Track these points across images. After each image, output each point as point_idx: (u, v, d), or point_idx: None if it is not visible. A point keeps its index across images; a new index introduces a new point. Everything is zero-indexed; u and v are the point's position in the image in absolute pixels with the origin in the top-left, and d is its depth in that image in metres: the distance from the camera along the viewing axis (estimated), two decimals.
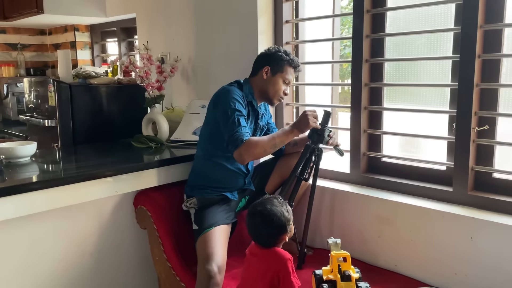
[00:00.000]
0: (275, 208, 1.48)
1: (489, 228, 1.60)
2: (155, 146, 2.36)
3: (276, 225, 1.48)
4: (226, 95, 1.83)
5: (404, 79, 2.02)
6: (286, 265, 1.41)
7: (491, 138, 1.71)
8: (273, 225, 1.47)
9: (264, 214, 1.48)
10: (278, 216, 1.47)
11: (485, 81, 1.69)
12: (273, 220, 1.47)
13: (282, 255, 1.43)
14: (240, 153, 1.75)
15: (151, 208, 2.01)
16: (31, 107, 2.99)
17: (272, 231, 1.48)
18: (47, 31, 4.41)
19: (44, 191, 1.71)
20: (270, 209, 1.49)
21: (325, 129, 1.79)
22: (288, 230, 1.50)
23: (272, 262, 1.43)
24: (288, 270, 1.40)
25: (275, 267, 1.41)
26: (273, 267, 1.42)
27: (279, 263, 1.41)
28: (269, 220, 1.47)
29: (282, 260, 1.42)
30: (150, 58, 2.48)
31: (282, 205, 1.52)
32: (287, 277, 1.40)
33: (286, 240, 1.51)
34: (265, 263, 1.45)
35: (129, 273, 2.15)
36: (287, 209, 1.53)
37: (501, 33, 1.64)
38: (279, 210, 1.48)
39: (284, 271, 1.40)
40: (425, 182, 1.88)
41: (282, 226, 1.48)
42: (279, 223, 1.48)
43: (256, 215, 1.50)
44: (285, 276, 1.40)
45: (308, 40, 2.37)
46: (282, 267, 1.40)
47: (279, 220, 1.47)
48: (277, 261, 1.42)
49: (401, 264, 1.84)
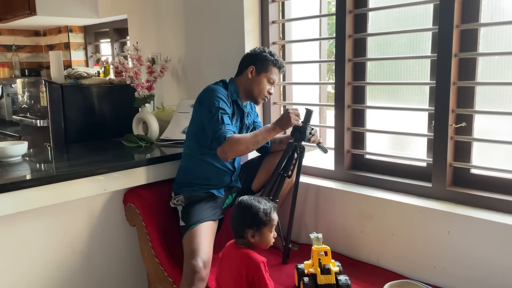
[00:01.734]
0: (255, 203, 1.52)
1: (466, 222, 1.64)
2: (145, 145, 2.41)
3: (248, 215, 1.49)
4: (210, 93, 1.88)
5: (386, 78, 2.07)
6: (259, 268, 1.44)
7: (468, 135, 1.75)
8: (245, 213, 1.50)
9: (242, 201, 1.53)
10: (254, 208, 1.50)
11: (462, 79, 1.73)
12: (245, 208, 1.50)
13: (255, 259, 1.47)
14: (223, 150, 1.79)
15: (140, 205, 2.06)
16: (25, 107, 3.04)
17: (242, 219, 1.51)
18: (41, 32, 4.46)
19: (34, 189, 1.75)
20: (252, 201, 1.52)
21: (307, 127, 1.83)
22: (258, 230, 1.49)
23: (246, 266, 1.46)
24: (262, 273, 1.44)
25: (250, 270, 1.46)
26: (247, 270, 1.46)
27: (253, 266, 1.45)
28: (244, 208, 1.51)
29: (255, 263, 1.45)
30: (140, 58, 2.52)
31: (265, 206, 1.52)
32: (262, 279, 1.44)
33: (251, 240, 1.50)
34: (239, 266, 1.48)
35: (119, 269, 2.20)
36: (268, 212, 1.51)
37: (477, 33, 1.69)
38: (258, 206, 1.51)
39: (258, 273, 1.44)
40: (407, 178, 1.93)
41: (253, 219, 1.49)
42: (251, 215, 1.49)
43: (238, 202, 1.55)
44: (260, 278, 1.44)
45: (294, 40, 2.41)
46: (256, 270, 1.44)
47: (252, 212, 1.49)
48: (251, 264, 1.46)
49: (383, 258, 1.89)
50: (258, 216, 1.49)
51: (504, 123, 1.80)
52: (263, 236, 1.51)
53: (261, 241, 1.52)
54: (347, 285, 1.56)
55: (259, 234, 1.50)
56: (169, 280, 1.95)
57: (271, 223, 1.53)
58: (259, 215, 1.49)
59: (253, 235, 1.50)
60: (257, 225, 1.49)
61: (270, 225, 1.52)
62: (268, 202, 1.56)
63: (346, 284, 1.56)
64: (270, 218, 1.52)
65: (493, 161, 1.79)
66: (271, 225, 1.53)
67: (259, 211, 1.50)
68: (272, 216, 1.53)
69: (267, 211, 1.51)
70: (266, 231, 1.51)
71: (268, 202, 1.56)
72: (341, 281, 1.57)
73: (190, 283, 1.68)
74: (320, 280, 1.57)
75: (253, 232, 1.50)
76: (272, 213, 1.53)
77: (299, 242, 2.16)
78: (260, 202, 1.54)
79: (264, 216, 1.50)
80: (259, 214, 1.49)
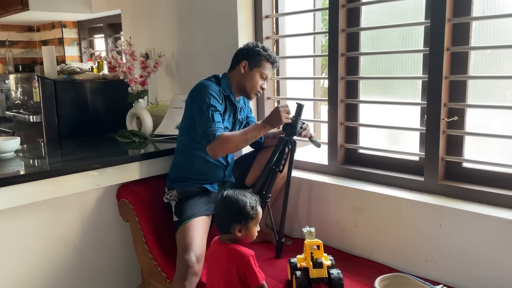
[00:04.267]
0: (241, 197, 1.50)
1: (458, 216, 1.65)
2: (138, 140, 2.40)
3: (235, 210, 1.48)
4: (202, 90, 1.87)
5: (379, 73, 2.07)
6: (249, 262, 1.44)
7: (460, 128, 1.76)
8: (231, 208, 1.49)
9: (228, 196, 1.52)
10: (241, 203, 1.48)
11: (454, 73, 1.73)
12: (231, 203, 1.49)
13: (244, 253, 1.46)
14: (212, 148, 1.79)
15: (133, 201, 2.06)
16: (18, 103, 3.03)
17: (228, 214, 1.50)
18: (35, 27, 4.43)
19: (27, 184, 1.75)
20: (237, 195, 1.51)
21: (298, 121, 1.83)
22: (245, 224, 1.49)
23: (235, 261, 1.46)
24: (252, 267, 1.44)
25: (239, 265, 1.45)
26: (237, 265, 1.46)
27: (242, 261, 1.45)
28: (230, 202, 1.50)
29: (244, 258, 1.45)
30: (133, 53, 2.51)
31: (251, 200, 1.51)
32: (252, 272, 1.44)
33: (238, 235, 1.49)
34: (228, 262, 1.47)
35: (112, 265, 2.20)
36: (254, 206, 1.50)
37: (469, 26, 1.69)
38: (244, 200, 1.49)
39: (248, 267, 1.44)
40: (399, 172, 1.93)
41: (240, 214, 1.48)
42: (238, 210, 1.48)
43: (222, 197, 1.53)
44: (250, 272, 1.44)
45: (287, 35, 2.41)
46: (246, 264, 1.44)
47: (239, 207, 1.48)
48: (240, 259, 1.45)
49: (375, 252, 1.89)
50: (245, 211, 1.48)
51: (496, 116, 1.80)
52: (249, 230, 1.50)
53: (247, 235, 1.50)
54: (339, 279, 1.56)
55: (245, 228, 1.49)
56: (162, 275, 1.95)
57: (257, 217, 1.52)
58: (246, 210, 1.48)
59: (240, 229, 1.49)
60: (244, 219, 1.48)
61: (257, 219, 1.51)
62: (252, 195, 1.54)
63: (338, 278, 1.56)
64: (257, 212, 1.51)
65: (485, 155, 1.80)
66: (257, 219, 1.52)
67: (245, 206, 1.48)
68: (258, 210, 1.52)
69: (253, 205, 1.50)
70: (252, 225, 1.50)
71: (253, 196, 1.55)
72: (333, 274, 1.57)
73: (184, 278, 1.68)
74: (312, 274, 1.58)
75: (240, 226, 1.49)
76: (258, 207, 1.52)
77: (292, 236, 2.16)
78: (246, 196, 1.52)
79: (251, 210, 1.49)
80: (246, 209, 1.48)
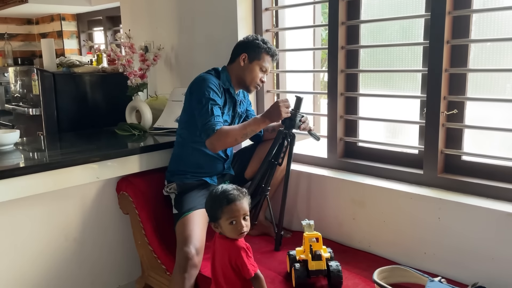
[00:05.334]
0: (212, 195, 1.49)
1: (456, 209, 1.65)
2: (138, 133, 2.40)
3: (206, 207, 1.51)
4: (201, 83, 1.87)
5: (379, 66, 2.06)
6: (240, 254, 1.45)
7: (459, 122, 1.75)
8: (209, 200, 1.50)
9: (213, 189, 1.52)
10: (208, 202, 1.50)
11: (453, 66, 1.73)
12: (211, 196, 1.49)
13: (236, 245, 1.47)
14: (211, 142, 1.79)
15: (133, 194, 2.06)
16: (17, 96, 3.02)
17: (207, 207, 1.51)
18: (34, 20, 4.41)
19: (27, 177, 1.76)
20: (212, 192, 1.50)
21: (297, 114, 1.83)
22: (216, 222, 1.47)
23: (228, 252, 1.47)
24: (243, 259, 1.44)
25: (232, 256, 1.46)
26: (229, 256, 1.47)
27: (234, 253, 1.46)
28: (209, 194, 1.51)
29: (236, 250, 1.46)
30: (132, 46, 2.51)
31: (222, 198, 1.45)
32: (244, 264, 1.44)
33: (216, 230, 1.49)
34: (224, 254, 1.49)
35: (112, 257, 2.21)
36: (222, 206, 1.45)
37: (469, 19, 1.68)
38: (213, 199, 1.48)
39: (240, 259, 1.45)
40: (399, 165, 1.94)
41: (208, 211, 1.50)
42: (206, 207, 1.50)
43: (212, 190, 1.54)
44: (242, 264, 1.45)
45: (287, 28, 2.40)
46: (238, 256, 1.45)
47: (207, 205, 1.50)
48: (232, 251, 1.46)
49: (374, 245, 1.90)
50: (213, 208, 1.47)
51: (496, 110, 1.80)
52: (222, 227, 1.47)
53: (224, 232, 1.48)
54: (338, 271, 1.57)
55: (218, 225, 1.48)
56: (162, 267, 1.96)
57: (227, 215, 1.44)
58: (214, 208, 1.47)
59: (215, 226, 1.49)
60: (214, 217, 1.48)
61: (226, 217, 1.44)
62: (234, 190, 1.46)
63: (336, 270, 1.57)
64: (223, 210, 1.44)
65: (485, 148, 1.80)
66: (228, 216, 1.44)
67: (213, 204, 1.47)
68: (228, 207, 1.44)
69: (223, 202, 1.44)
70: (223, 222, 1.45)
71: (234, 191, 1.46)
72: (332, 266, 1.58)
73: (183, 270, 1.70)
74: (311, 266, 1.59)
75: (213, 224, 1.50)
76: (229, 205, 1.44)
77: (292, 229, 2.17)
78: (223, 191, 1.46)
79: (218, 209, 1.45)
80: (214, 207, 1.47)
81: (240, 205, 1.45)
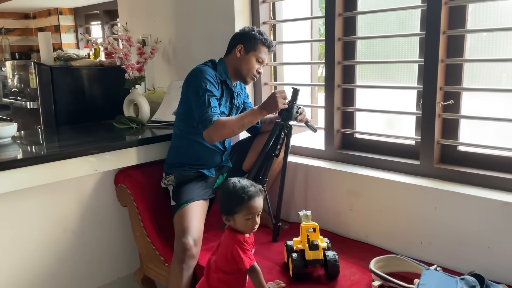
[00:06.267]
0: (233, 188, 1.49)
1: (452, 198, 1.66)
2: (136, 126, 2.41)
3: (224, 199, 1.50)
4: (198, 75, 1.87)
5: (375, 57, 2.07)
6: (234, 247, 1.46)
7: (456, 112, 1.76)
8: (222, 196, 1.51)
9: (226, 184, 1.53)
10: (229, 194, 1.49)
11: (450, 56, 1.73)
12: (223, 192, 1.51)
13: (232, 237, 1.48)
14: (208, 133, 1.80)
15: (131, 186, 2.07)
16: (15, 91, 3.02)
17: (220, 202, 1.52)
18: (31, 15, 4.40)
19: (25, 169, 1.76)
20: (232, 184, 1.50)
21: (294, 106, 1.83)
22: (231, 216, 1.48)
23: (226, 243, 1.49)
24: (237, 251, 1.46)
25: (228, 247, 1.48)
26: (226, 247, 1.49)
27: (231, 244, 1.47)
28: (222, 191, 1.52)
29: (232, 242, 1.47)
30: (130, 39, 2.50)
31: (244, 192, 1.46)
32: (238, 257, 1.46)
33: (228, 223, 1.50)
34: (223, 243, 1.51)
35: (111, 249, 2.22)
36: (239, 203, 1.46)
37: (465, 9, 1.68)
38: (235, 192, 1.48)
39: (235, 252, 1.46)
40: (396, 156, 1.94)
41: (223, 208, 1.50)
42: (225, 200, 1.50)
43: (223, 184, 1.55)
44: (238, 256, 1.46)
45: (284, 20, 2.40)
46: (234, 248, 1.46)
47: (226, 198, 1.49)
48: (229, 242, 1.48)
49: (371, 235, 1.91)
50: (228, 207, 1.48)
51: (491, 100, 1.81)
52: (236, 222, 1.48)
53: (236, 227, 1.49)
54: (335, 260, 1.58)
55: (232, 219, 1.49)
56: (160, 259, 1.97)
57: (246, 211, 1.45)
58: (230, 206, 1.47)
59: (228, 219, 1.51)
60: (225, 213, 1.49)
61: (244, 213, 1.46)
62: (252, 187, 1.48)
63: (333, 259, 1.58)
64: (242, 206, 1.45)
65: (480, 138, 1.81)
66: (246, 213, 1.46)
67: (229, 201, 1.47)
68: (247, 204, 1.45)
69: (239, 203, 1.45)
70: (239, 217, 1.47)
71: (253, 187, 1.48)
72: (329, 256, 1.59)
73: (181, 261, 1.71)
74: (308, 256, 1.60)
75: (226, 217, 1.51)
76: (248, 202, 1.45)
77: (289, 221, 2.18)
78: (242, 187, 1.47)
79: (235, 206, 1.46)
80: (230, 205, 1.47)
81: (258, 202, 1.49)
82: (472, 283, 1.36)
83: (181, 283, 1.70)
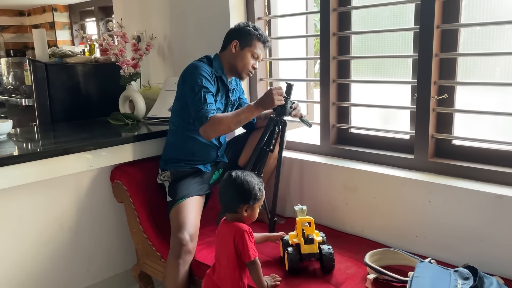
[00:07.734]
0: (250, 179, 1.53)
1: (446, 192, 1.67)
2: (131, 123, 2.41)
3: (243, 190, 1.51)
4: (194, 71, 1.87)
5: (370, 52, 2.07)
6: (243, 236, 1.47)
7: (450, 106, 1.77)
8: (240, 188, 1.52)
9: (238, 177, 1.54)
10: (250, 184, 1.52)
11: (444, 51, 1.74)
12: (241, 183, 1.52)
13: (240, 227, 1.49)
14: (205, 129, 1.80)
15: (127, 182, 2.07)
16: (10, 88, 3.01)
17: (236, 194, 1.52)
18: (25, 12, 4.38)
19: (20, 166, 1.76)
20: (246, 176, 1.54)
21: (288, 101, 1.84)
22: (252, 205, 1.53)
23: (233, 234, 1.49)
24: (246, 241, 1.47)
25: (236, 237, 1.48)
26: (234, 237, 1.49)
27: (238, 234, 1.48)
28: (239, 183, 1.52)
29: (240, 231, 1.48)
30: (125, 35, 2.50)
31: (258, 183, 1.56)
32: (245, 247, 1.47)
33: (244, 215, 1.53)
34: (228, 235, 1.51)
35: (107, 245, 2.23)
36: (260, 188, 1.55)
37: (459, 3, 1.69)
38: (253, 181, 1.53)
39: (242, 241, 1.47)
40: (390, 151, 1.95)
41: (247, 196, 1.51)
42: (246, 190, 1.51)
43: (231, 177, 1.55)
44: (244, 246, 1.47)
45: (279, 15, 2.40)
46: (241, 237, 1.47)
47: (248, 188, 1.51)
48: (237, 232, 1.48)
49: (367, 229, 1.92)
50: (254, 192, 1.52)
51: (485, 93, 1.82)
52: (253, 210, 1.55)
53: (251, 215, 1.55)
54: (330, 254, 1.59)
55: (251, 209, 1.54)
56: (157, 254, 1.98)
57: (262, 198, 1.58)
58: (255, 191, 1.52)
59: (246, 209, 1.53)
60: (252, 200, 1.52)
61: (261, 200, 1.57)
62: (257, 177, 1.59)
63: (329, 253, 1.59)
64: (262, 193, 1.57)
65: (474, 132, 1.82)
66: (262, 200, 1.58)
67: (254, 187, 1.52)
68: (263, 191, 1.58)
69: (259, 187, 1.55)
70: (257, 206, 1.56)
71: (258, 178, 1.60)
72: (324, 250, 1.60)
73: (177, 256, 1.72)
74: (304, 250, 1.61)
75: (247, 207, 1.53)
76: (263, 188, 1.58)
77: (285, 216, 2.19)
78: (254, 177, 1.56)
79: (258, 192, 1.54)
80: (255, 190, 1.52)
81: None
82: (466, 275, 1.37)
83: (177, 278, 1.71)
